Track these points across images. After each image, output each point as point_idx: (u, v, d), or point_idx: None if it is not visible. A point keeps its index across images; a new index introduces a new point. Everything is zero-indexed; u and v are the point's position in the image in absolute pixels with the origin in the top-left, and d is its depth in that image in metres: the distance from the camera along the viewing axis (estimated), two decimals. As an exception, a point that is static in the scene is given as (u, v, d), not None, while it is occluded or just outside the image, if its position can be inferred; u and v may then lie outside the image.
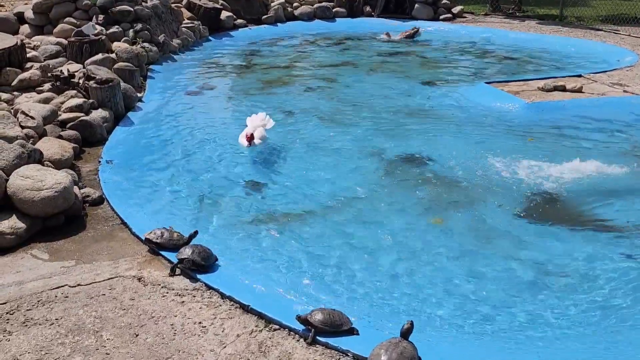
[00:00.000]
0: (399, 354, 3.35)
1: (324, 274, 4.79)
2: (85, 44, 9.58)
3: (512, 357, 3.81)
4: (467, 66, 12.07)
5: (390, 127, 8.32)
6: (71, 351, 3.64)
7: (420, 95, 9.90)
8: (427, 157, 7.18)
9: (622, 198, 6.22)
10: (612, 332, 4.13)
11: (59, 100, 7.56)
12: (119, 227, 5.25)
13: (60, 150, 6.15)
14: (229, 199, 6.08)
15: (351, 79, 11.01)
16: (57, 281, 4.36)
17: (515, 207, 5.95)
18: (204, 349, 3.67)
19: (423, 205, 6.01)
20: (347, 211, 5.85)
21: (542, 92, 9.58)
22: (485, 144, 7.64)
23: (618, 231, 5.52)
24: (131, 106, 8.49)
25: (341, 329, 3.77)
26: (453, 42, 14.58)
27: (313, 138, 7.84)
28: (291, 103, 9.38)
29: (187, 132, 7.97)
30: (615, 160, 6.99)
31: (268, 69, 11.72)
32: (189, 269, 4.44)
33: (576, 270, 4.89)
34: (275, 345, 3.72)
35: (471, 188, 6.34)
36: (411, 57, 12.95)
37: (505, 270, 4.90)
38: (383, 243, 5.30)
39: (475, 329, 4.15)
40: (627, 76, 10.61)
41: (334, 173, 6.75)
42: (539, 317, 4.29)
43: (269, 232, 5.40)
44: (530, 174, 6.59)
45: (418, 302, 4.46)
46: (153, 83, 10.01)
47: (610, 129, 8.29)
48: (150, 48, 11.13)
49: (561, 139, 7.91)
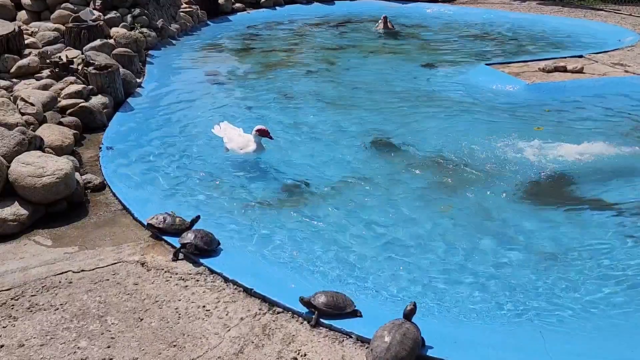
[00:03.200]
0: (402, 335, 3.37)
1: (327, 256, 4.80)
2: (83, 30, 9.52)
3: (516, 338, 3.83)
4: (467, 48, 12.00)
5: (390, 109, 8.30)
6: (76, 336, 3.67)
7: (420, 78, 9.85)
8: (427, 139, 7.16)
9: (624, 178, 6.22)
10: (621, 315, 4.15)
11: (58, 87, 7.53)
12: (121, 213, 5.26)
13: (61, 136, 6.14)
14: (230, 183, 6.08)
15: (351, 62, 10.96)
16: (60, 267, 4.38)
17: (518, 188, 5.95)
18: (208, 332, 3.69)
19: (425, 189, 6.00)
20: (350, 194, 5.85)
21: (542, 73, 9.54)
22: (485, 126, 7.62)
23: (618, 210, 5.53)
24: (131, 92, 8.47)
25: (344, 311, 3.79)
26: (453, 23, 14.48)
27: (313, 122, 7.82)
28: (291, 86, 9.34)
29: (187, 117, 7.95)
30: (617, 140, 6.98)
31: (267, 53, 11.66)
32: (192, 254, 4.46)
33: (580, 250, 4.90)
34: (279, 327, 3.74)
35: (472, 170, 6.33)
36: (411, 39, 12.87)
37: (509, 251, 4.91)
38: (386, 226, 5.31)
39: (478, 310, 4.17)
40: (628, 56, 10.55)
41: (336, 157, 6.74)
42: (545, 299, 4.30)
43: (271, 216, 5.41)
44: (531, 156, 6.58)
45: (422, 284, 4.48)
46: (152, 68, 9.96)
47: (611, 109, 8.26)
48: (149, 33, 11.07)
49: (562, 120, 7.89)
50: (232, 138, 6.44)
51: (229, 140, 6.44)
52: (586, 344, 3.77)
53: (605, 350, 3.66)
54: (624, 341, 3.75)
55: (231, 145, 6.41)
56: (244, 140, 6.38)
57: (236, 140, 6.41)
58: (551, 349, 3.59)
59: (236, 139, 6.42)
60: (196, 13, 13.77)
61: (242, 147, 6.35)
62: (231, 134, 6.48)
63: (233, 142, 6.41)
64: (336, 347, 3.57)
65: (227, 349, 3.55)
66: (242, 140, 6.39)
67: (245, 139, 6.39)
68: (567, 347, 3.69)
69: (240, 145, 6.36)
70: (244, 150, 6.34)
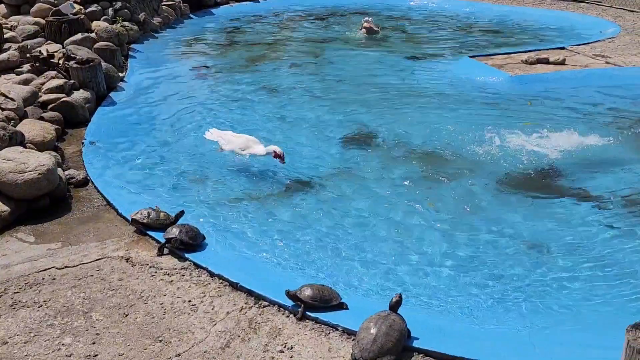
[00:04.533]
0: (388, 327, 3.39)
1: (313, 250, 4.81)
2: (64, 24, 9.39)
3: (500, 328, 3.88)
4: (451, 40, 12.03)
5: (375, 102, 8.30)
6: (61, 332, 3.64)
7: (404, 71, 9.86)
8: (411, 131, 7.18)
9: (604, 169, 6.29)
10: (603, 304, 4.21)
11: (39, 82, 7.44)
12: (105, 208, 5.22)
13: (42, 132, 6.07)
14: (215, 177, 6.05)
15: (335, 55, 10.94)
16: (44, 263, 4.34)
17: (500, 180, 5.99)
18: (194, 327, 3.68)
19: (409, 181, 6.03)
20: (334, 188, 5.86)
21: (525, 65, 9.60)
22: (469, 118, 7.66)
23: (600, 201, 5.59)
24: (113, 86, 8.39)
25: (330, 304, 3.80)
26: (437, 15, 14.50)
27: (297, 115, 7.81)
28: (275, 80, 9.30)
29: (170, 111, 7.89)
30: (598, 131, 7.06)
31: (252, 46, 11.59)
32: (177, 248, 4.44)
33: (563, 240, 4.96)
34: (265, 321, 3.74)
35: (456, 162, 6.37)
36: (396, 32, 12.87)
37: (493, 243, 4.96)
38: (371, 219, 5.32)
39: (463, 301, 4.21)
40: (609, 47, 10.65)
41: (321, 150, 6.74)
42: (530, 289, 4.35)
43: (256, 210, 5.40)
44: (513, 147, 6.64)
45: (407, 276, 4.50)
46: (135, 62, 9.87)
47: (592, 100, 8.35)
48: (131, 27, 10.95)
49: (544, 112, 7.94)
50: (229, 140, 6.25)
51: (227, 142, 6.24)
52: (570, 333, 3.82)
53: (589, 339, 3.71)
54: (607, 329, 3.80)
55: (230, 146, 6.21)
56: (242, 140, 6.20)
57: (234, 142, 6.22)
58: (535, 339, 3.64)
59: (234, 140, 6.23)
60: (179, 6, 13.64)
61: (244, 149, 6.16)
62: (226, 136, 6.31)
63: (231, 144, 6.22)
64: (322, 340, 3.58)
65: (213, 343, 3.55)
66: (240, 141, 6.21)
67: (244, 139, 6.22)
68: (551, 336, 3.73)
69: (241, 147, 6.17)
70: (247, 151, 6.15)
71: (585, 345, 3.58)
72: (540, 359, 3.38)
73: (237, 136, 6.32)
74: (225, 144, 6.27)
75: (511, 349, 3.50)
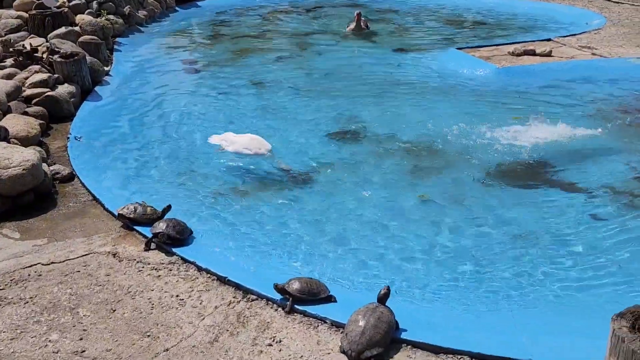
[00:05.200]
0: (376, 319, 3.40)
1: (301, 243, 4.80)
2: (47, 17, 9.28)
3: (487, 318, 3.90)
4: (438, 32, 12.04)
5: (362, 95, 8.29)
6: (47, 329, 3.61)
7: (391, 63, 9.86)
8: (398, 124, 7.19)
9: (591, 159, 6.33)
10: (587, 292, 4.24)
11: (22, 76, 7.35)
12: (91, 204, 5.18)
13: (27, 127, 6.01)
14: (201, 171, 6.02)
15: (322, 47, 10.91)
16: (29, 260, 4.30)
17: (487, 171, 6.02)
18: (182, 322, 3.67)
19: (397, 174, 6.04)
20: (322, 181, 5.86)
21: (512, 57, 9.63)
22: (457, 110, 7.67)
23: (585, 192, 5.63)
24: (98, 80, 8.31)
25: (319, 297, 3.80)
26: (424, 7, 14.49)
27: (284, 108, 7.78)
28: (262, 73, 9.26)
29: (156, 105, 7.84)
30: (584, 122, 7.10)
31: (238, 39, 11.53)
32: (164, 243, 4.42)
33: (548, 230, 4.99)
34: (254, 315, 3.74)
35: (443, 154, 6.38)
36: (383, 24, 12.86)
37: (480, 233, 4.98)
38: (359, 211, 5.32)
39: (451, 292, 4.22)
40: (595, 39, 10.71)
41: (309, 144, 6.73)
42: (515, 279, 4.37)
43: (243, 204, 5.38)
44: (500, 138, 6.66)
45: (395, 268, 4.51)
46: (120, 56, 9.78)
47: (578, 92, 8.39)
48: (116, 20, 10.85)
49: (531, 103, 7.97)
50: (232, 140, 6.06)
51: (230, 143, 6.05)
52: (557, 323, 3.84)
53: (576, 328, 3.74)
54: (593, 319, 3.83)
55: (233, 147, 6.02)
56: (245, 140, 6.03)
57: (237, 142, 6.03)
58: (521, 327, 3.66)
59: (237, 140, 6.05)
60: (164, -1, 13.54)
61: (248, 148, 5.99)
62: (228, 137, 6.13)
63: (235, 145, 6.02)
64: (311, 333, 3.58)
65: (201, 337, 3.54)
66: (243, 140, 6.03)
67: (246, 138, 6.05)
68: (539, 326, 3.76)
69: (244, 146, 5.99)
70: (253, 151, 5.99)
71: (572, 335, 3.60)
72: (527, 348, 3.40)
73: (240, 136, 6.13)
74: (227, 144, 6.06)
75: (499, 339, 3.52)
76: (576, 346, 3.42)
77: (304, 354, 3.40)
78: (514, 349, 3.39)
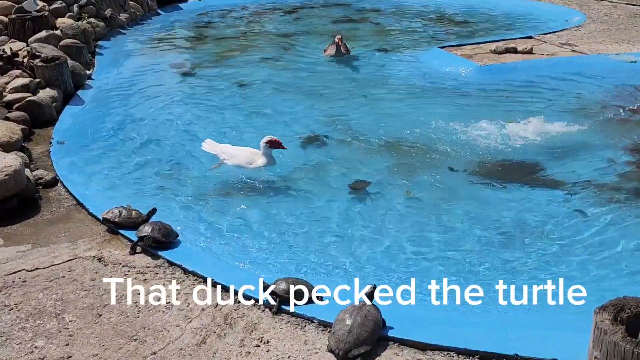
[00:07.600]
0: (363, 317, 3.42)
1: (287, 244, 4.81)
2: (27, 21, 9.20)
3: (474, 315, 3.93)
4: (420, 31, 12.09)
5: (345, 95, 8.31)
6: (33, 335, 3.58)
7: (374, 63, 9.89)
8: (383, 123, 7.22)
9: (573, 155, 6.41)
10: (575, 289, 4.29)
11: (3, 81, 7.28)
12: (75, 208, 5.14)
13: (8, 132, 5.95)
14: (186, 175, 6.01)
15: (305, 49, 10.91)
16: (13, 266, 4.26)
17: (470, 168, 6.07)
18: (169, 325, 3.66)
19: (382, 173, 6.06)
20: (308, 182, 5.87)
21: (494, 55, 9.70)
22: (441, 108, 7.72)
23: (569, 187, 5.70)
24: (80, 84, 8.24)
25: (306, 297, 3.80)
26: (406, 6, 14.55)
27: (269, 109, 7.78)
28: (246, 74, 9.24)
29: (139, 109, 7.80)
30: (566, 118, 7.18)
31: (221, 41, 11.50)
32: (150, 246, 4.40)
33: (534, 226, 5.04)
34: (241, 316, 3.74)
35: (428, 153, 6.42)
36: (365, 24, 12.89)
37: (466, 230, 5.02)
38: (345, 211, 5.34)
39: (437, 289, 4.24)
40: (575, 36, 10.83)
41: (291, 144, 6.71)
42: (502, 276, 4.41)
43: (229, 206, 5.38)
44: (483, 136, 6.72)
45: (381, 267, 4.53)
46: (102, 59, 9.71)
47: (560, 88, 8.48)
48: (97, 23, 10.77)
49: (513, 101, 8.05)
50: (232, 154, 5.94)
51: (230, 157, 5.93)
52: (543, 318, 3.89)
53: (562, 322, 3.78)
54: (578, 312, 3.87)
55: (234, 161, 5.90)
56: (246, 154, 5.93)
57: (238, 156, 5.92)
58: (507, 324, 3.69)
59: (238, 154, 5.94)
60: (146, 1, 13.45)
61: (250, 162, 5.87)
62: (226, 149, 6.00)
63: (235, 158, 5.90)
64: (298, 333, 3.59)
65: (189, 340, 3.53)
66: (245, 154, 5.94)
67: (247, 152, 5.95)
68: (525, 321, 3.80)
69: (246, 160, 5.88)
70: (253, 165, 5.87)
71: (558, 329, 3.64)
72: (514, 344, 3.43)
73: (240, 149, 6.01)
74: (227, 158, 5.93)
75: (485, 336, 3.55)
76: (562, 340, 3.45)
77: (291, 354, 3.40)
78: (500, 344, 3.42)
